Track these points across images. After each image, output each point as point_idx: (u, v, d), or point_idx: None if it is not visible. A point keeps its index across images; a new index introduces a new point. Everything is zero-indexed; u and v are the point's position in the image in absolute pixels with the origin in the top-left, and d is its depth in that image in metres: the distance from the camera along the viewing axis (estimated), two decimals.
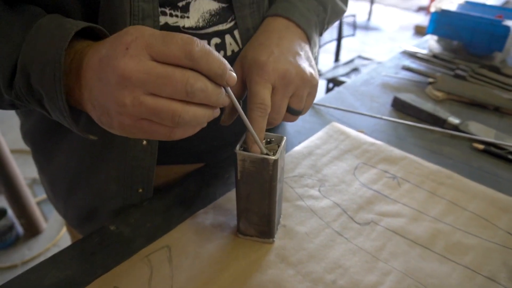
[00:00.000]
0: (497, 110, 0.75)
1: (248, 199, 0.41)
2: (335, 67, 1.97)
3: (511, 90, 0.80)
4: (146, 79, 0.27)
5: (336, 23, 1.85)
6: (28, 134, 0.53)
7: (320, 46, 1.87)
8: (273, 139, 0.40)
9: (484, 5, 1.04)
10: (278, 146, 0.39)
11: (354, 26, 1.93)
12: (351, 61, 2.01)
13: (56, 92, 0.31)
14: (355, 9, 4.68)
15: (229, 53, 0.47)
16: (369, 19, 4.52)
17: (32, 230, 1.64)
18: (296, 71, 0.40)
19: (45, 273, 0.40)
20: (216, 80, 0.30)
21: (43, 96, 0.33)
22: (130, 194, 0.49)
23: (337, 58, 2.03)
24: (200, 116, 0.30)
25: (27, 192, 1.57)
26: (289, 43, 0.43)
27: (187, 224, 0.46)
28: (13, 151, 1.53)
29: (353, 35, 1.97)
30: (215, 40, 0.46)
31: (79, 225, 0.56)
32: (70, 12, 0.37)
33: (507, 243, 0.45)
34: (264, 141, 0.40)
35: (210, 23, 0.45)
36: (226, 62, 0.30)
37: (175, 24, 0.42)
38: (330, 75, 1.89)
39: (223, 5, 0.45)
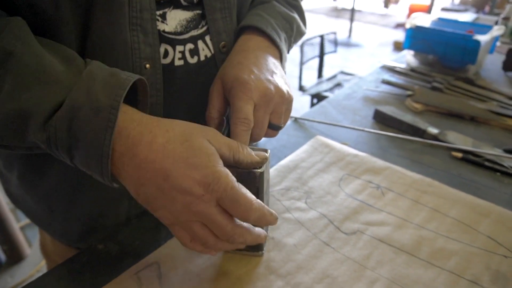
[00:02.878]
0: (472, 119, 0.78)
1: None
2: (318, 83, 2.01)
3: (485, 100, 0.84)
4: (206, 218, 0.33)
5: (318, 41, 1.90)
6: (13, 155, 0.51)
7: (303, 63, 1.92)
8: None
9: (456, 21, 1.10)
10: None
11: (336, 43, 1.99)
12: (334, 76, 2.06)
13: (104, 139, 0.31)
14: (336, 27, 4.82)
15: (202, 58, 0.48)
16: (349, 36, 4.66)
17: (15, 256, 1.59)
18: (276, 90, 0.42)
19: None
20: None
21: (81, 144, 0.32)
22: None
23: (320, 74, 2.08)
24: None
25: (10, 217, 1.53)
26: (265, 62, 0.46)
27: (176, 240, 0.46)
28: None
29: (334, 51, 2.03)
30: (189, 45, 0.47)
31: (81, 238, 0.54)
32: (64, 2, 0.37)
33: (489, 247, 0.46)
34: None
35: (187, 29, 0.46)
36: (261, 235, 0.38)
37: (157, 27, 0.43)
38: (313, 90, 1.93)
39: (197, 11, 0.47)
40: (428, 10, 4.69)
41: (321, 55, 1.95)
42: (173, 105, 0.47)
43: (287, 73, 0.52)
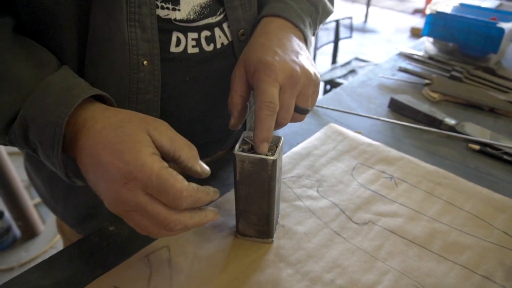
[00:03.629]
0: (492, 111, 0.76)
1: (247, 199, 0.41)
2: (332, 69, 1.98)
3: (506, 91, 0.81)
4: (138, 207, 0.32)
5: (333, 26, 1.86)
6: None
7: (317, 48, 1.89)
8: (271, 139, 0.40)
9: (478, 7, 1.05)
10: (276, 147, 0.39)
11: (351, 28, 1.94)
12: (348, 63, 2.02)
13: (52, 151, 0.33)
14: (351, 12, 4.70)
15: (218, 45, 0.47)
16: (365, 21, 4.55)
17: (30, 232, 1.63)
18: (302, 70, 0.41)
19: (44, 273, 0.40)
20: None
21: (39, 148, 0.35)
22: None
23: (334, 60, 2.04)
24: (190, 225, 0.34)
25: (24, 194, 1.57)
26: (289, 44, 0.43)
27: None
28: (10, 154, 1.53)
29: (350, 37, 1.98)
30: (205, 33, 0.46)
31: (79, 224, 0.56)
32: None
33: (503, 243, 0.45)
34: None
35: (201, 15, 0.45)
36: (208, 215, 0.36)
37: (166, 17, 0.42)
38: (327, 77, 1.90)
39: None
40: None
41: (336, 41, 1.91)
42: (188, 94, 0.47)
43: None
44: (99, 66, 0.40)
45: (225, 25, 0.48)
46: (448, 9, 1.03)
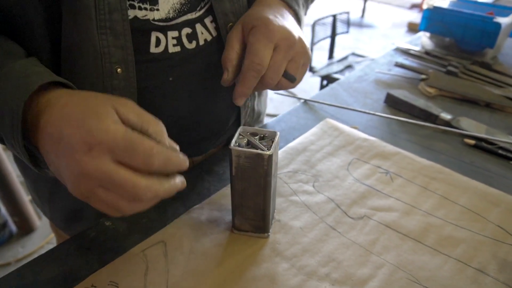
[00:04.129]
0: (488, 106, 0.76)
1: (243, 194, 0.41)
2: (329, 64, 1.97)
3: (502, 86, 0.82)
4: (103, 178, 0.29)
5: (330, 21, 1.85)
6: None
7: (314, 43, 1.88)
8: (266, 135, 0.40)
9: (475, 2, 1.05)
10: (272, 142, 0.39)
11: (348, 23, 1.93)
12: (345, 58, 2.02)
13: (13, 139, 0.33)
14: (349, 7, 4.69)
15: (201, 42, 0.46)
16: (362, 16, 4.54)
17: (26, 228, 1.63)
18: (298, 38, 0.41)
19: (40, 268, 0.40)
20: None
21: (3, 138, 0.34)
22: None
23: (331, 55, 2.04)
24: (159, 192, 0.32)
25: (20, 189, 1.56)
26: (287, 17, 0.45)
27: (182, 219, 0.46)
28: (5, 149, 1.52)
29: (347, 32, 1.98)
30: (186, 30, 0.45)
31: (65, 226, 0.55)
32: (30, 6, 0.37)
33: (497, 236, 0.46)
34: (257, 137, 0.40)
35: (180, 13, 0.44)
36: (177, 182, 0.33)
37: (144, 18, 0.41)
38: (324, 72, 1.90)
39: None
40: None
41: (333, 36, 1.90)
42: (174, 93, 0.46)
43: None
44: (72, 74, 0.39)
45: (207, 20, 0.46)
46: (445, 4, 1.03)
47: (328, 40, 2.02)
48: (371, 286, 0.39)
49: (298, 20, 0.49)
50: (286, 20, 0.43)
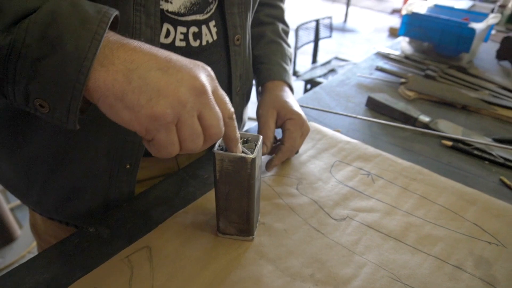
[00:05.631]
0: (464, 108, 0.79)
1: (227, 198, 0.42)
2: (312, 68, 2.00)
3: (477, 89, 0.85)
4: (205, 96, 0.32)
5: (313, 25, 1.88)
6: None
7: (297, 48, 1.91)
8: (249, 138, 0.41)
9: (452, 8, 1.09)
10: (255, 145, 0.40)
11: (331, 28, 1.97)
12: (328, 62, 2.05)
13: (84, 50, 0.28)
14: (331, 11, 4.77)
15: (204, 42, 0.50)
16: (345, 21, 4.61)
17: (6, 237, 1.58)
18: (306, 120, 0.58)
19: (22, 276, 0.39)
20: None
21: (54, 54, 0.28)
22: (118, 169, 0.49)
23: (314, 60, 2.07)
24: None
25: (0, 198, 1.52)
26: (292, 96, 0.62)
27: (167, 224, 0.46)
28: None
29: (329, 36, 2.01)
30: (193, 29, 0.48)
31: (56, 209, 0.54)
32: None
33: (473, 233, 0.47)
34: (241, 140, 0.41)
35: (190, 11, 0.47)
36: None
37: (160, 7, 0.43)
38: (307, 76, 1.92)
39: None
40: None
41: (316, 40, 1.93)
42: None
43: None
44: None
45: (211, 24, 0.50)
46: (423, 10, 1.06)
47: (312, 45, 2.05)
48: (354, 285, 0.40)
49: (292, 91, 0.64)
50: (295, 102, 0.60)
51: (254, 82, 0.67)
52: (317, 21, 1.87)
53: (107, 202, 0.52)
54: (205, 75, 0.33)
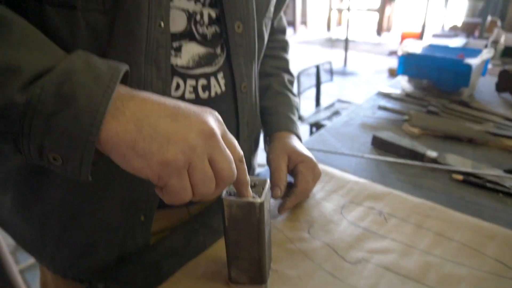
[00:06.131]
0: (470, 141, 0.78)
1: (237, 245, 0.41)
2: (316, 112, 2.04)
3: (481, 122, 0.85)
4: (214, 142, 0.33)
5: (314, 71, 1.94)
6: (11, 175, 0.49)
7: (300, 93, 1.96)
8: (257, 183, 0.41)
9: (446, 47, 1.13)
10: (263, 189, 0.40)
11: (331, 72, 2.04)
12: (332, 105, 2.10)
13: (96, 103, 0.30)
14: (331, 57, 4.95)
15: (213, 94, 0.52)
16: (345, 65, 4.77)
17: None
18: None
19: None
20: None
21: (67, 110, 0.29)
22: (133, 222, 0.49)
23: (318, 103, 2.12)
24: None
25: (9, 259, 1.50)
26: (304, 147, 0.62)
27: (178, 276, 0.45)
28: None
29: (331, 80, 2.07)
30: (202, 81, 0.50)
31: (70, 266, 0.53)
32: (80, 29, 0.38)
33: (498, 271, 0.45)
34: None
35: (199, 64, 0.49)
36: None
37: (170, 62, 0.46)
38: (312, 119, 1.96)
39: (210, 50, 0.51)
40: (420, 37, 4.83)
41: (318, 85, 1.99)
42: None
43: None
44: None
45: (219, 76, 0.53)
46: (418, 50, 1.10)
47: (314, 89, 2.10)
48: None
49: (300, 140, 0.66)
50: (304, 147, 0.61)
51: (262, 130, 0.69)
52: (318, 67, 1.94)
53: (122, 255, 0.51)
54: (213, 119, 0.34)
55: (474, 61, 0.93)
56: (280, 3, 0.69)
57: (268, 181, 0.41)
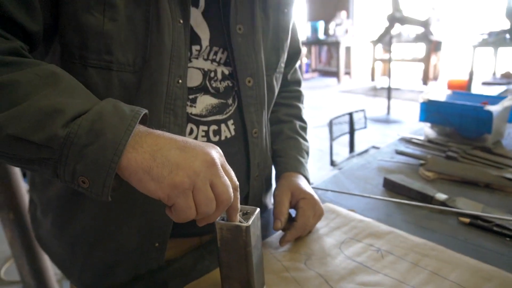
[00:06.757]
0: (487, 186, 0.78)
1: (228, 265, 0.46)
2: (349, 158, 2.05)
3: (501, 167, 0.84)
4: (215, 169, 0.40)
5: (347, 119, 1.99)
6: (52, 201, 0.59)
7: (333, 139, 2.00)
8: (248, 211, 0.47)
9: (470, 94, 1.14)
10: (251, 215, 0.45)
11: (365, 119, 2.07)
12: (366, 151, 2.10)
13: (119, 137, 0.38)
14: (374, 105, 4.96)
15: (223, 138, 0.60)
16: (388, 113, 4.74)
17: None
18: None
19: None
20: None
21: (96, 142, 0.37)
22: (148, 247, 0.56)
23: (351, 149, 2.13)
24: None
25: (55, 287, 1.62)
26: (309, 186, 0.67)
27: None
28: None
29: (365, 127, 2.10)
30: (213, 127, 0.58)
31: (93, 284, 0.60)
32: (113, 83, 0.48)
33: None
34: (241, 212, 0.46)
35: (211, 113, 0.58)
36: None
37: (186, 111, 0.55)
38: (344, 165, 1.97)
39: (222, 101, 0.59)
40: (467, 85, 4.71)
41: (352, 131, 2.03)
42: None
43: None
44: None
45: (229, 122, 0.61)
46: (441, 97, 1.12)
47: (355, 134, 2.12)
48: None
49: (308, 181, 0.71)
50: (309, 186, 0.67)
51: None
52: (351, 114, 1.99)
53: (137, 277, 0.58)
54: (215, 152, 0.42)
55: (494, 108, 0.94)
56: (293, 60, 0.78)
57: (258, 210, 0.47)
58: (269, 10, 0.62)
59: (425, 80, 6.27)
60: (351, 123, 1.99)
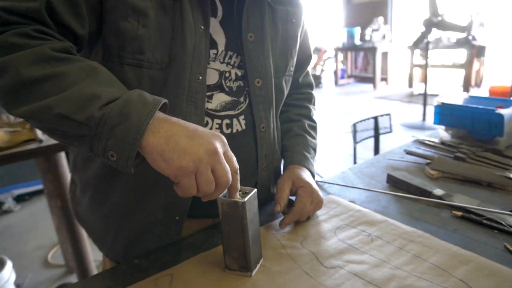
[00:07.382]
0: (490, 185, 0.80)
1: (228, 236, 0.54)
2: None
3: (507, 168, 0.86)
4: (216, 156, 0.48)
5: (372, 124, 2.02)
6: (90, 180, 0.70)
7: (356, 142, 2.03)
8: (247, 191, 0.55)
9: (487, 98, 1.15)
10: (248, 194, 0.54)
11: (390, 123, 2.08)
12: None
13: (142, 120, 0.46)
14: (409, 111, 4.86)
15: (234, 131, 0.69)
16: (423, 119, 4.63)
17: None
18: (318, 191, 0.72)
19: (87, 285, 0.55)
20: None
21: (125, 122, 0.46)
22: (170, 220, 0.66)
23: (376, 153, 2.15)
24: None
25: (94, 270, 1.79)
26: (311, 177, 0.75)
27: (190, 261, 0.60)
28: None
29: (390, 131, 2.11)
30: (226, 121, 0.68)
31: (123, 253, 0.70)
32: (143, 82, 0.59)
33: None
34: (241, 192, 0.55)
35: (224, 108, 0.67)
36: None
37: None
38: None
39: (235, 98, 0.68)
40: (511, 92, 4.49)
41: (377, 135, 2.05)
42: None
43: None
44: None
45: (240, 118, 0.70)
46: (457, 101, 1.14)
47: (380, 138, 2.14)
48: None
49: (312, 175, 0.78)
50: (310, 177, 0.74)
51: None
52: (376, 118, 2.01)
53: (156, 248, 0.68)
54: (219, 141, 0.50)
55: (506, 111, 0.96)
56: (304, 64, 0.86)
57: (255, 190, 0.55)
58: (277, 20, 0.71)
59: (467, 87, 6.03)
60: (376, 127, 2.01)
